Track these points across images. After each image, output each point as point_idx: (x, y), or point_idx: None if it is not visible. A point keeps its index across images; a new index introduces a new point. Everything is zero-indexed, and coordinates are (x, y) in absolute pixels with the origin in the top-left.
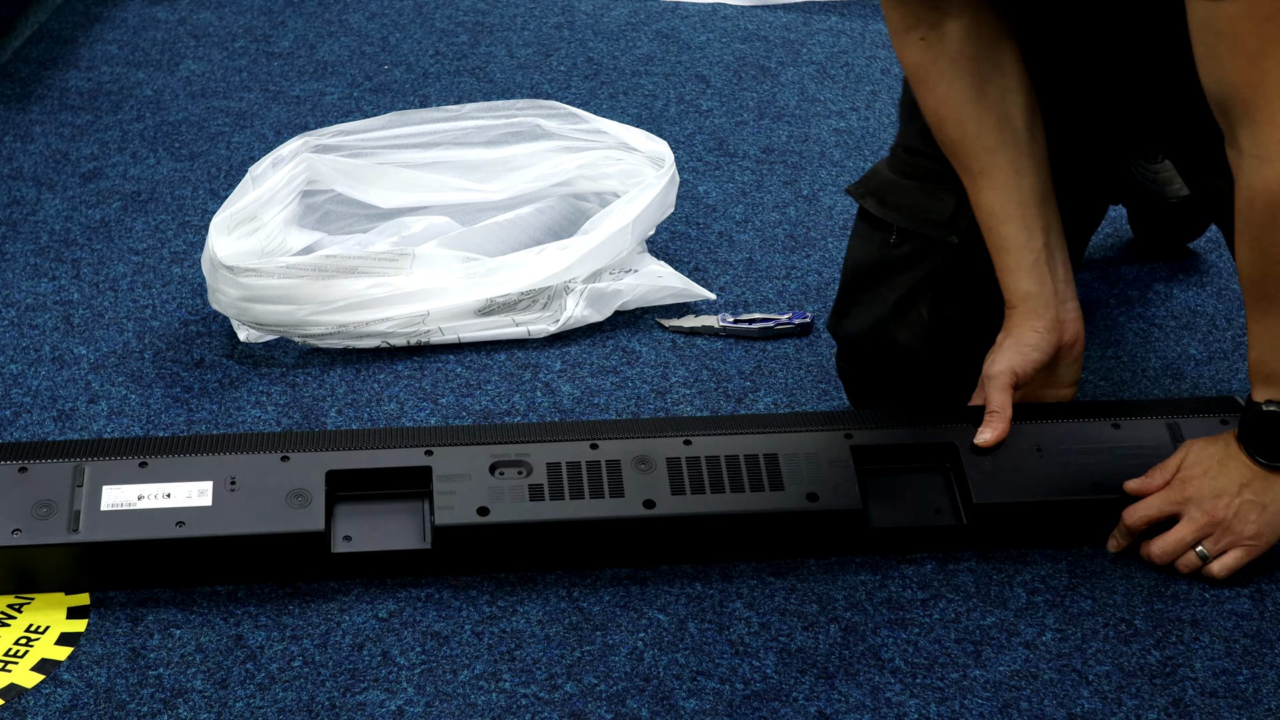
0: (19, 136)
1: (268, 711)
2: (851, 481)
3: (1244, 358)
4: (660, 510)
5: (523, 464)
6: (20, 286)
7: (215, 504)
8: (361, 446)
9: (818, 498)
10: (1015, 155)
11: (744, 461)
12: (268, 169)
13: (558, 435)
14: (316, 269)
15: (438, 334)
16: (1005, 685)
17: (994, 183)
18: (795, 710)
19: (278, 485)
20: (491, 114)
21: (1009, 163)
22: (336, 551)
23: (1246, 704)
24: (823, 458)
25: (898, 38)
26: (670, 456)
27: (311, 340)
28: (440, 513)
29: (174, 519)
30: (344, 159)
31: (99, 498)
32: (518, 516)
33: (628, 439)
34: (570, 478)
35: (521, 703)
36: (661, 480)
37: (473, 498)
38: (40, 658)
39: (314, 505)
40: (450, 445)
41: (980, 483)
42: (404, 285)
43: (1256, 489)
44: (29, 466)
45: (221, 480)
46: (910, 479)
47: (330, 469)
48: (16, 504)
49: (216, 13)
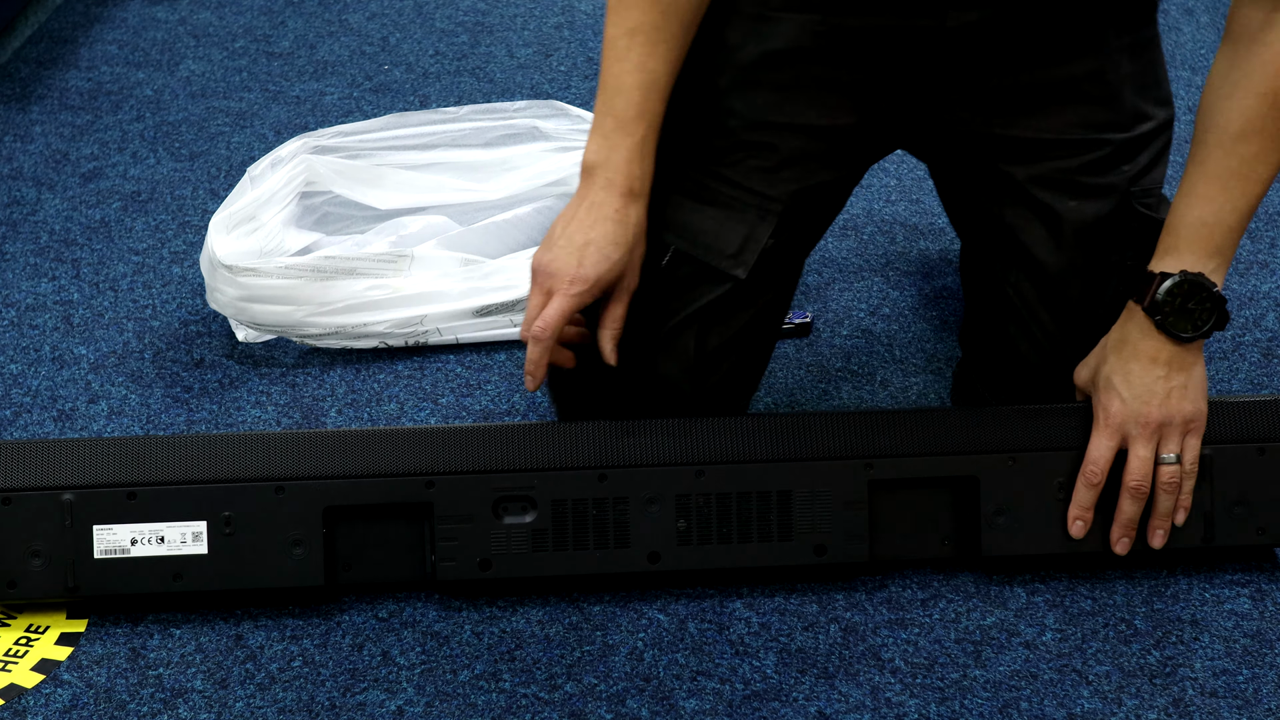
0: (19, 136)
1: (268, 711)
2: (862, 531)
3: (1244, 357)
4: (664, 565)
5: (527, 499)
6: (20, 286)
7: (211, 552)
8: (359, 470)
9: (825, 551)
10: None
11: (755, 501)
12: (266, 169)
13: (564, 463)
14: (315, 269)
15: (436, 335)
16: (1005, 685)
17: (669, 54)
18: (795, 710)
19: (274, 526)
20: (490, 116)
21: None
22: (338, 582)
23: (1246, 704)
24: (837, 497)
25: None
26: (680, 494)
27: (310, 340)
28: (442, 567)
29: (170, 570)
30: (342, 160)
31: (90, 541)
32: (520, 571)
33: (637, 467)
34: (575, 519)
35: (521, 703)
36: (669, 524)
37: (475, 546)
38: (40, 658)
39: (313, 554)
40: (452, 474)
41: (992, 533)
42: (403, 287)
43: (1174, 373)
44: (12, 497)
45: (215, 520)
46: (923, 509)
47: (327, 505)
48: (6, 548)
49: (216, 13)
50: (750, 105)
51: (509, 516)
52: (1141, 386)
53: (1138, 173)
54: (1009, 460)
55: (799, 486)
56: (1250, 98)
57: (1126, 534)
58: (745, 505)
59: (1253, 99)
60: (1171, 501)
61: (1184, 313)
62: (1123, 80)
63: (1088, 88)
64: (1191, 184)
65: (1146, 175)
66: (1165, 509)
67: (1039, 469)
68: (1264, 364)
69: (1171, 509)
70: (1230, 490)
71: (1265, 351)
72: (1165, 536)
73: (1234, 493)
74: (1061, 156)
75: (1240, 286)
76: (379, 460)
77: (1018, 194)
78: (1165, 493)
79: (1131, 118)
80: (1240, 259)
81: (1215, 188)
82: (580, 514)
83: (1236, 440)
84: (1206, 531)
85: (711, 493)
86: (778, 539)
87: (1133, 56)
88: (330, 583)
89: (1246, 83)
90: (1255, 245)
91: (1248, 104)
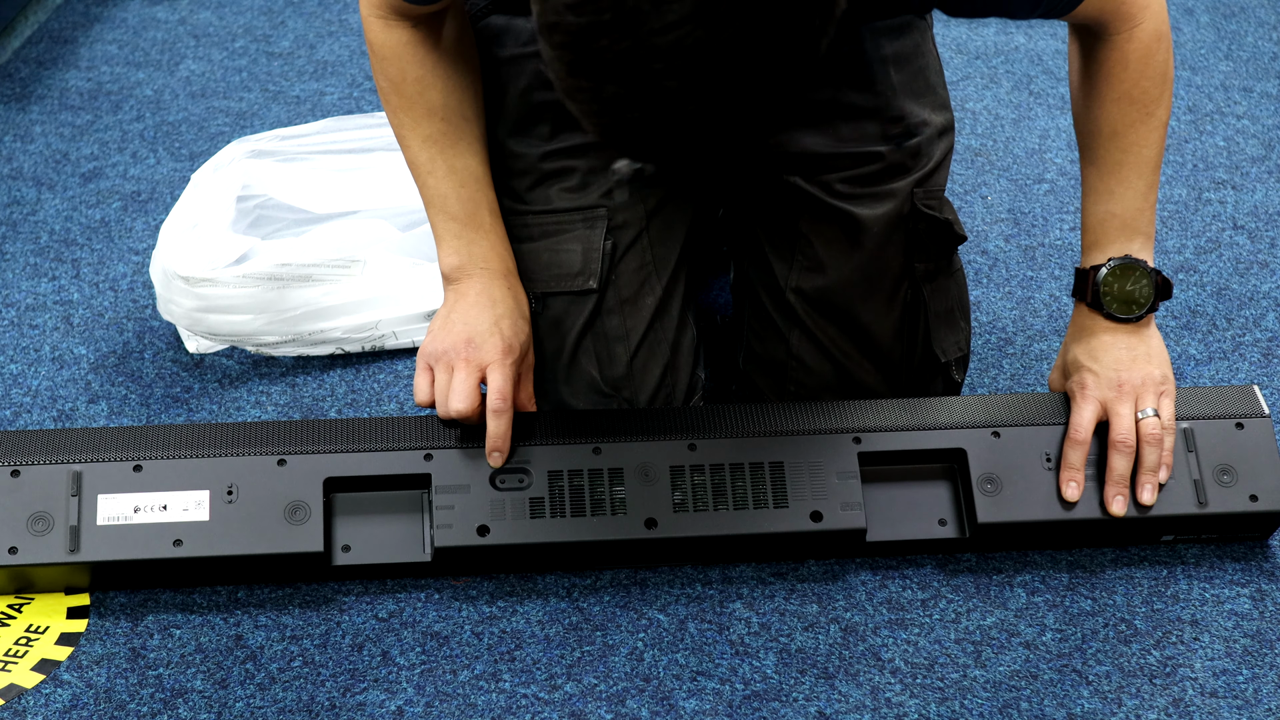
0: (19, 136)
1: (268, 711)
2: (857, 498)
3: (1244, 357)
4: (661, 531)
5: (524, 471)
6: (20, 286)
7: (212, 519)
8: (359, 445)
9: (821, 517)
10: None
11: (748, 471)
12: (209, 175)
13: (560, 437)
14: (272, 277)
15: (392, 339)
16: (1005, 685)
17: (472, 150)
18: (795, 710)
19: (275, 495)
20: None
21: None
22: (336, 564)
23: (1246, 704)
24: (829, 468)
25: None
26: (674, 465)
27: (265, 350)
28: (440, 531)
29: (171, 536)
30: (279, 164)
31: (95, 509)
32: (517, 538)
33: (631, 441)
34: (572, 489)
35: (521, 703)
36: (664, 493)
37: (472, 514)
38: (40, 658)
39: (312, 520)
40: (449, 448)
41: (985, 499)
42: (357, 292)
43: (1136, 343)
44: (21, 470)
45: (218, 489)
46: (916, 487)
47: (328, 476)
48: (11, 516)
49: (216, 13)
50: (530, 143)
51: (506, 486)
52: (1109, 358)
53: (922, 176)
54: (993, 434)
55: (790, 458)
56: (1109, 104)
57: (1120, 491)
58: (739, 475)
59: (1111, 104)
60: (1156, 455)
61: (1125, 296)
62: (894, 90)
63: (858, 100)
64: (1090, 184)
65: (930, 179)
66: (1151, 462)
67: (1024, 442)
68: (1264, 364)
69: (1157, 463)
70: (1214, 458)
71: (1265, 351)
72: (1155, 492)
73: (1219, 461)
74: (846, 167)
75: (1240, 286)
76: (378, 437)
77: (809, 203)
78: (1149, 445)
79: (909, 125)
80: (1240, 259)
81: (1111, 181)
82: (576, 484)
83: (1215, 417)
84: (1199, 497)
85: (705, 464)
86: (773, 506)
87: (898, 67)
88: (328, 551)
89: (1098, 94)
90: (1255, 245)
91: (1109, 110)
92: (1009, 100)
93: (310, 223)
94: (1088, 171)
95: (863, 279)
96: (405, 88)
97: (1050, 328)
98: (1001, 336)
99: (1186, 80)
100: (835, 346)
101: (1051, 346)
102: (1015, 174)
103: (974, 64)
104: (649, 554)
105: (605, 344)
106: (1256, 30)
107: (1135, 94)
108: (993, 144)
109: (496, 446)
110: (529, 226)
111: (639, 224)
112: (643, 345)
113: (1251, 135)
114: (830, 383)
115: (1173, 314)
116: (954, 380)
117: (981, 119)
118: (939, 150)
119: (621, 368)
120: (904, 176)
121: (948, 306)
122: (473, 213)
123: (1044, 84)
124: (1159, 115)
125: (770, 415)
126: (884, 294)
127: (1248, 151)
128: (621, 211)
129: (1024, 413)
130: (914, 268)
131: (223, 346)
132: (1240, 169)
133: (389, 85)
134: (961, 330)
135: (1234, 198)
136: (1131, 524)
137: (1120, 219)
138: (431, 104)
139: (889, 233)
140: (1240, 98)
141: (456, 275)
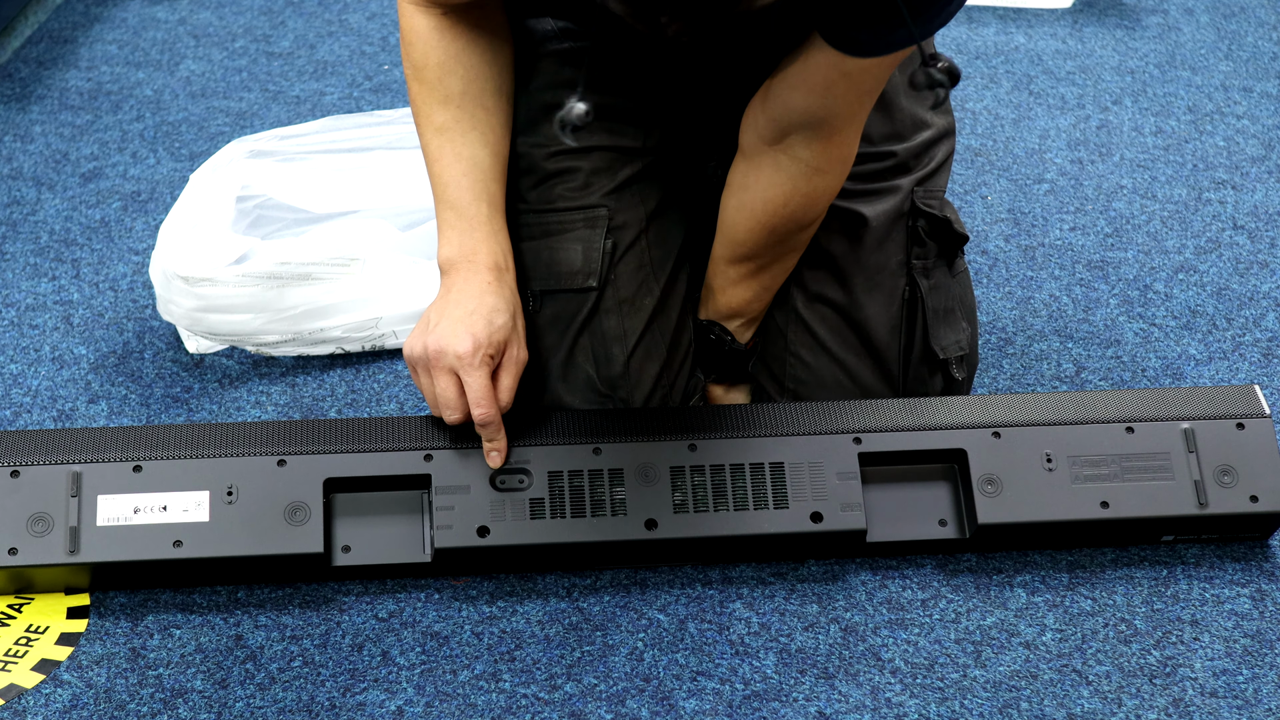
0: (19, 136)
1: (268, 711)
2: (857, 499)
3: (1244, 357)
4: (661, 532)
5: (524, 472)
6: (20, 286)
7: (212, 519)
8: (359, 445)
9: (821, 517)
10: (503, 121)
11: (749, 472)
12: (208, 175)
13: (560, 438)
14: (272, 276)
15: (392, 338)
16: (1005, 685)
17: (484, 140)
18: (795, 710)
19: (275, 496)
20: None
21: (501, 125)
22: (336, 565)
23: (1246, 704)
24: (829, 469)
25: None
26: (674, 465)
27: (265, 349)
28: (440, 532)
29: (171, 537)
30: (278, 164)
31: (95, 510)
32: (517, 538)
33: (631, 442)
34: (572, 489)
35: (521, 703)
36: (664, 494)
37: (472, 515)
38: (40, 658)
39: (312, 521)
40: (449, 448)
41: (986, 500)
42: (357, 290)
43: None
44: (21, 470)
45: (218, 489)
46: (916, 487)
47: (328, 476)
48: (11, 517)
49: (216, 13)
50: (539, 142)
51: (506, 487)
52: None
53: (923, 176)
54: (994, 435)
55: (791, 459)
56: (754, 223)
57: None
58: (739, 476)
59: (756, 225)
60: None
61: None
62: (895, 90)
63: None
64: (713, 269)
65: (931, 180)
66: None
67: (1024, 442)
68: (1264, 364)
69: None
70: (1215, 459)
71: (1265, 351)
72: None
73: (1219, 461)
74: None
75: (1240, 286)
76: (378, 438)
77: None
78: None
79: (910, 126)
80: (1240, 259)
81: (726, 281)
82: (576, 484)
83: (1215, 417)
84: (1199, 497)
85: (705, 464)
86: (773, 507)
87: (900, 67)
88: (328, 551)
89: (751, 209)
90: (1255, 245)
91: (752, 228)
92: (1009, 100)
93: (310, 222)
94: (716, 254)
95: (861, 275)
96: (426, 74)
97: (1050, 328)
98: (1001, 336)
99: (1186, 80)
100: (833, 342)
101: (1051, 346)
102: (1015, 174)
103: (974, 64)
104: (649, 555)
105: (603, 343)
106: (1256, 30)
107: (784, 236)
108: (993, 144)
109: (494, 449)
110: (531, 225)
111: (639, 225)
112: (639, 346)
113: (1251, 135)
114: (828, 378)
115: (1173, 314)
116: (954, 378)
117: (981, 119)
118: (940, 152)
119: (618, 367)
120: (905, 175)
121: (948, 304)
122: (470, 203)
123: (1044, 84)
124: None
125: (770, 416)
126: (883, 290)
127: (1248, 151)
128: (622, 212)
129: (1024, 413)
130: (913, 264)
131: (223, 346)
132: (1240, 169)
133: (412, 70)
134: (963, 330)
135: (1234, 198)
136: (1131, 524)
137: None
138: (449, 91)
139: (888, 229)
140: (1240, 98)
141: (446, 268)
